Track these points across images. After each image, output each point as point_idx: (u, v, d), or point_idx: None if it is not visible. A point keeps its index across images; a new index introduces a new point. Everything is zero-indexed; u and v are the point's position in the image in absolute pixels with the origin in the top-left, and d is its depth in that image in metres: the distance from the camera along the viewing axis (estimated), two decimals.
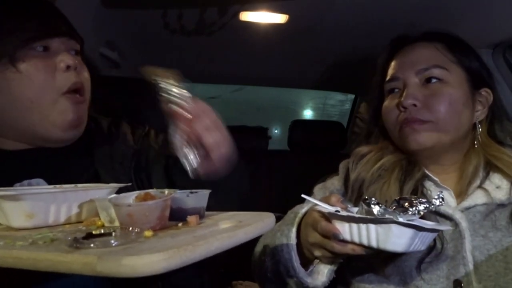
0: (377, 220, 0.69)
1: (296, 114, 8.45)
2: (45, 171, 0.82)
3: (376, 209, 0.72)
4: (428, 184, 0.92)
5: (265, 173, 2.48)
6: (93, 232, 0.49)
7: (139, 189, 0.71)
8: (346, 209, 0.78)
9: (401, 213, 0.71)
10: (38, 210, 0.58)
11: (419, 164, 0.94)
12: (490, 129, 0.95)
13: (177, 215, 0.58)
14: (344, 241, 0.74)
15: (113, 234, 0.49)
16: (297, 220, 0.86)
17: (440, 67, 0.91)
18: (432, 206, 0.72)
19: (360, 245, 0.73)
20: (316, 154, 2.53)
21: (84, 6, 1.46)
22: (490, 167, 0.91)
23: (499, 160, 0.90)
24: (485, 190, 0.87)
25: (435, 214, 0.86)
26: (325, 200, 0.81)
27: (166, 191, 0.56)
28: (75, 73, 0.84)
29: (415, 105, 0.90)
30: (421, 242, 0.72)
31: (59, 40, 0.85)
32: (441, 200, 0.73)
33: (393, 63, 0.98)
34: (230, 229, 0.51)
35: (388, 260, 0.84)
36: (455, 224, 0.85)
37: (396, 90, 0.96)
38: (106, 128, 0.97)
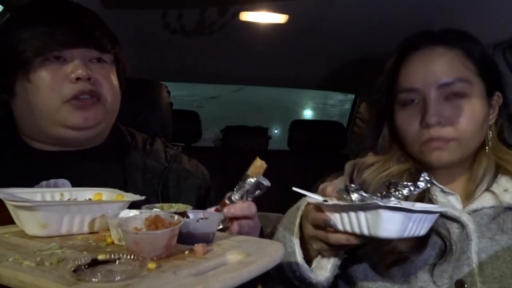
0: (364, 207, 0.67)
1: (296, 114, 8.45)
2: (73, 173, 0.85)
3: (354, 196, 0.70)
4: (433, 189, 0.91)
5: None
6: (99, 258, 0.49)
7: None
8: (341, 199, 0.74)
9: (383, 199, 0.68)
10: (52, 220, 0.59)
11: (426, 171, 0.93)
12: (499, 132, 0.93)
13: (186, 239, 0.57)
14: (337, 231, 0.72)
15: (117, 262, 0.49)
16: (300, 213, 0.85)
17: (464, 81, 0.87)
18: (417, 189, 0.69)
19: (354, 234, 0.71)
20: (316, 154, 2.53)
21: None
22: (498, 169, 0.90)
23: (509, 163, 0.89)
24: (493, 193, 0.86)
25: (441, 216, 0.85)
26: (322, 191, 0.79)
27: (176, 217, 0.55)
28: (87, 83, 0.84)
29: (439, 121, 0.86)
30: (416, 226, 0.68)
31: (74, 51, 0.84)
32: (426, 182, 0.70)
33: (408, 70, 0.91)
34: (234, 268, 0.50)
35: (393, 261, 0.83)
36: (462, 226, 0.84)
37: (415, 101, 0.89)
38: (141, 143, 1.00)
